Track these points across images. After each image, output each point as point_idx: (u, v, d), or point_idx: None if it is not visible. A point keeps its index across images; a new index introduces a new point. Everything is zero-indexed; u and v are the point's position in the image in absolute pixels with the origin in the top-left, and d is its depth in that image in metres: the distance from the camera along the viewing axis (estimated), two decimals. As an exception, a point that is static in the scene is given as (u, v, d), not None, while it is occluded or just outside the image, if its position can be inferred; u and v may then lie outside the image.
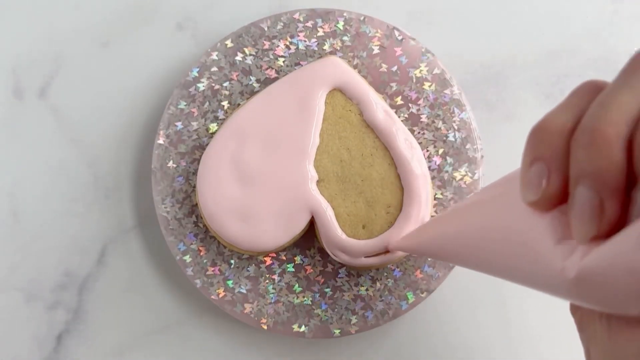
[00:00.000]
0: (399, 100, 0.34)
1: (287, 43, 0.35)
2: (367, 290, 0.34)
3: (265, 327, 0.33)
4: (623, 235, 0.17)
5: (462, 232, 0.24)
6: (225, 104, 0.34)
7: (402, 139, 0.33)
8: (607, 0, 0.37)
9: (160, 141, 0.34)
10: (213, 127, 0.34)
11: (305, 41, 0.35)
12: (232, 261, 0.34)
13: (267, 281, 0.34)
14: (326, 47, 0.34)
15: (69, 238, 0.36)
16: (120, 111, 0.36)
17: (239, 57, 0.34)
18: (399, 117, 0.34)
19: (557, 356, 0.35)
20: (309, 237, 0.34)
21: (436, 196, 0.34)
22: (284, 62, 0.34)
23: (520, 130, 0.26)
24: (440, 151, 0.34)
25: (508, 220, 0.21)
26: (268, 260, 0.34)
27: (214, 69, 0.34)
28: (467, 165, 0.34)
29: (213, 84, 0.34)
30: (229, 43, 0.34)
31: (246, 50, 0.34)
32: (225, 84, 0.34)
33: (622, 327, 0.19)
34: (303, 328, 0.33)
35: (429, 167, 0.34)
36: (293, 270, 0.34)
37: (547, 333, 0.35)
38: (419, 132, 0.34)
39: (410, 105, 0.34)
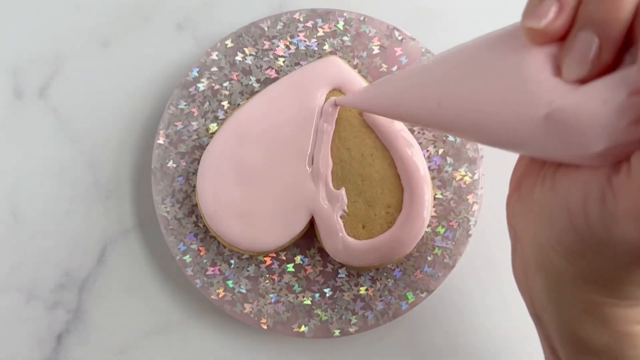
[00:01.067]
0: (399, 100, 0.34)
1: (287, 43, 0.35)
2: (367, 290, 0.34)
3: (265, 327, 0.33)
4: (606, 77, 0.19)
5: (428, 83, 0.24)
6: (225, 104, 0.34)
7: (402, 139, 0.33)
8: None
9: (160, 141, 0.34)
10: (213, 127, 0.34)
11: (305, 41, 0.35)
12: (232, 261, 0.34)
13: (267, 281, 0.34)
14: (326, 47, 0.34)
15: (69, 238, 0.36)
16: (120, 111, 0.36)
17: (239, 57, 0.34)
18: (399, 117, 0.34)
19: (557, 356, 0.35)
20: (309, 237, 0.34)
21: (436, 196, 0.34)
22: (284, 62, 0.34)
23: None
24: (440, 151, 0.34)
25: (487, 62, 0.22)
26: (268, 260, 0.34)
27: (214, 69, 0.34)
28: (467, 165, 0.34)
29: (213, 84, 0.34)
30: (229, 43, 0.34)
31: (246, 50, 0.34)
32: (225, 84, 0.34)
33: (567, 173, 0.21)
34: (303, 328, 0.33)
35: (429, 167, 0.34)
36: (293, 270, 0.34)
37: (547, 333, 0.35)
38: (419, 132, 0.34)
39: (410, 105, 0.34)
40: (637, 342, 0.21)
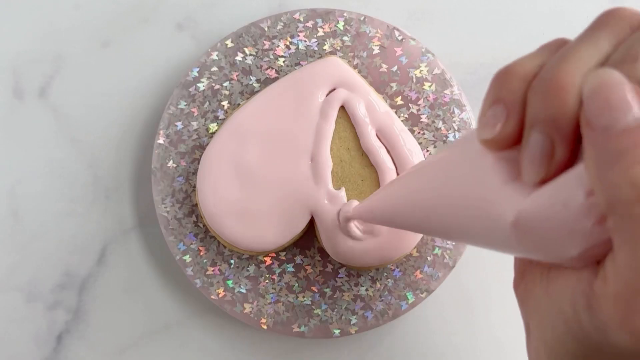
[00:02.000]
0: (399, 101, 0.34)
1: (287, 43, 0.35)
2: (367, 290, 0.34)
3: (265, 327, 0.33)
4: (562, 177, 0.18)
5: (413, 193, 0.24)
6: (225, 104, 0.34)
7: (402, 139, 0.33)
8: (607, 1, 0.37)
9: (160, 141, 0.34)
10: (213, 127, 0.34)
11: (305, 41, 0.35)
12: (232, 261, 0.34)
13: (267, 281, 0.34)
14: (326, 47, 0.35)
15: (69, 238, 0.36)
16: (120, 111, 0.36)
17: (239, 57, 0.34)
18: (399, 117, 0.34)
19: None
20: (309, 237, 0.34)
21: (436, 196, 0.34)
22: (284, 62, 0.34)
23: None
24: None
25: (458, 170, 0.22)
26: (268, 260, 0.34)
27: (214, 68, 0.34)
28: (467, 165, 0.34)
29: (213, 84, 0.34)
30: (229, 43, 0.34)
31: (246, 50, 0.34)
32: (225, 84, 0.34)
33: (557, 276, 0.20)
34: (303, 328, 0.33)
35: (429, 167, 0.34)
36: (293, 270, 0.34)
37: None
38: (419, 132, 0.34)
39: (410, 105, 0.34)
40: None
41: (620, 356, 0.18)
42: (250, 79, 0.34)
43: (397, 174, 0.33)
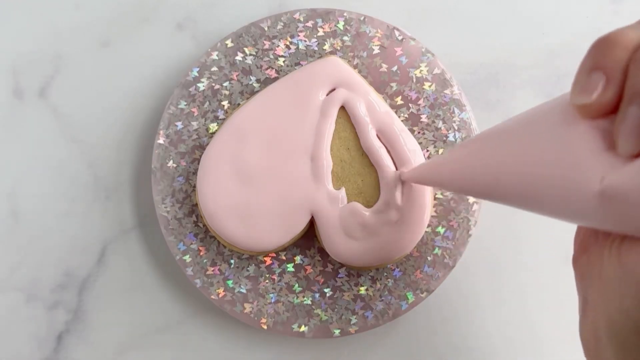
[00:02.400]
0: (399, 100, 0.34)
1: (287, 43, 0.35)
2: (367, 290, 0.34)
3: (265, 327, 0.33)
4: None
5: (485, 156, 0.24)
6: (225, 103, 0.34)
7: (402, 139, 0.33)
8: (607, 0, 0.37)
9: (160, 141, 0.34)
10: (213, 127, 0.34)
11: (305, 41, 0.35)
12: (232, 261, 0.34)
13: (267, 281, 0.34)
14: (326, 47, 0.34)
15: (69, 238, 0.36)
16: (120, 111, 0.36)
17: (239, 57, 0.34)
18: (399, 117, 0.34)
19: (557, 355, 0.35)
20: (309, 237, 0.34)
21: (436, 196, 0.34)
22: (284, 62, 0.34)
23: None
24: (440, 151, 0.34)
25: (541, 136, 0.21)
26: (268, 260, 0.34)
27: (214, 68, 0.34)
28: (467, 165, 0.34)
29: (213, 84, 0.34)
30: (229, 43, 0.34)
31: (246, 50, 0.34)
32: (225, 84, 0.34)
33: (632, 247, 0.20)
34: (303, 328, 0.33)
35: (429, 167, 0.34)
36: (293, 270, 0.34)
37: (547, 333, 0.35)
38: (419, 132, 0.34)
39: (410, 105, 0.34)
40: None
41: None
42: (250, 79, 0.34)
43: (397, 174, 0.33)
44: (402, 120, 0.34)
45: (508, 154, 0.23)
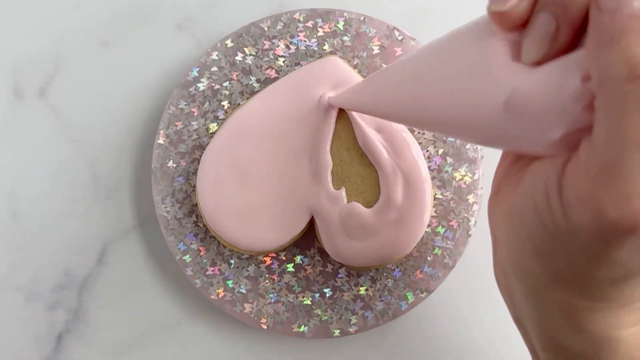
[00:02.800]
0: (399, 100, 0.34)
1: (287, 43, 0.35)
2: (366, 290, 0.34)
3: (265, 327, 0.33)
4: (561, 60, 0.19)
5: (404, 76, 0.24)
6: (225, 103, 0.34)
7: (402, 139, 0.33)
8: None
9: (160, 141, 0.34)
10: (213, 127, 0.34)
11: (305, 41, 0.35)
12: (232, 261, 0.34)
13: (267, 281, 0.34)
14: (326, 47, 0.35)
15: (69, 238, 0.36)
16: (120, 111, 0.36)
17: (239, 57, 0.34)
18: (399, 117, 0.34)
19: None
20: (309, 237, 0.34)
21: (436, 196, 0.34)
22: (284, 62, 0.35)
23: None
24: (440, 151, 0.34)
25: (456, 52, 0.22)
26: (268, 260, 0.34)
27: (214, 68, 0.34)
28: (467, 165, 0.34)
29: (213, 84, 0.34)
30: (229, 43, 0.35)
31: (246, 50, 0.35)
32: (225, 84, 0.34)
33: (532, 170, 0.20)
34: (303, 328, 0.33)
35: (429, 167, 0.34)
36: (293, 270, 0.34)
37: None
38: (419, 132, 0.34)
39: (410, 105, 0.34)
40: (616, 347, 0.20)
41: (579, 249, 0.19)
42: (250, 79, 0.34)
43: (397, 173, 0.33)
44: (402, 120, 0.34)
45: (424, 71, 0.23)
